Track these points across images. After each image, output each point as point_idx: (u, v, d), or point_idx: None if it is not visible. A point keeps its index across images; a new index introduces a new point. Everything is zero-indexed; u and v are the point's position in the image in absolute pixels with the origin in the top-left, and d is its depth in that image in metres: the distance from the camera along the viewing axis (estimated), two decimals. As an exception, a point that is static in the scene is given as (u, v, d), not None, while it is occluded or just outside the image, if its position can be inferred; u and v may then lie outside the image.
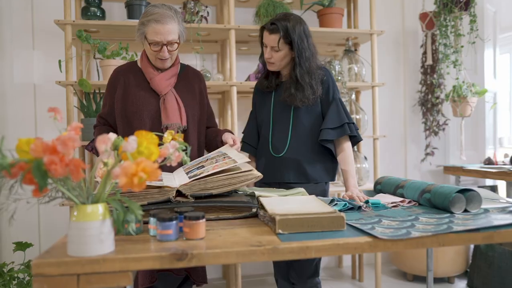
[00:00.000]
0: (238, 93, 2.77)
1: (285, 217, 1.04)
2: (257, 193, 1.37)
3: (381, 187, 1.67)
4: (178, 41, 1.67)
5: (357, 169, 2.67)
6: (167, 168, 1.60)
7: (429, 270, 1.71)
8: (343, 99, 2.59)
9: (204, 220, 1.02)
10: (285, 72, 1.84)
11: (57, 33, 2.55)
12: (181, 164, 1.38)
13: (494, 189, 3.21)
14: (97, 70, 2.45)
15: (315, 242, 0.97)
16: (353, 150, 2.25)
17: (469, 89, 2.97)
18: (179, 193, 1.26)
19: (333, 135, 1.76)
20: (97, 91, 2.39)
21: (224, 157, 1.42)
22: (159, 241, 0.99)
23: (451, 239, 1.04)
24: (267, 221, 1.14)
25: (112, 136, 0.94)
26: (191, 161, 1.51)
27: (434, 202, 1.33)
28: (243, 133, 2.01)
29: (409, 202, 1.44)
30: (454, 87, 3.03)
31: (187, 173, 1.37)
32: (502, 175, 2.77)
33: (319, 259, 1.80)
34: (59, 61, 2.22)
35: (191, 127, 1.76)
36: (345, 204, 1.35)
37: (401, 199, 1.47)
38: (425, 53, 3.20)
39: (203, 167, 1.37)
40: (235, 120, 2.46)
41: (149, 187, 1.22)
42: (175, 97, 1.72)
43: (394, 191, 1.56)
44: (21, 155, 0.85)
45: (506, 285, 2.42)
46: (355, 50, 2.93)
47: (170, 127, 1.67)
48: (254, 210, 1.23)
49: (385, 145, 3.23)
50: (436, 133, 3.22)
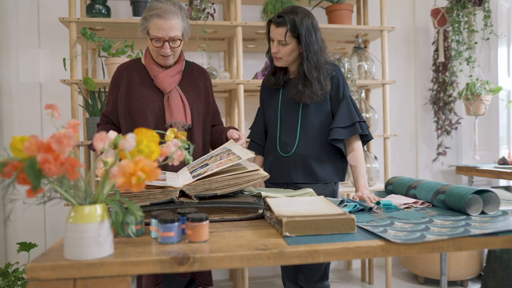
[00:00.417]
0: (245, 91, 2.73)
1: (293, 219, 1.00)
2: (263, 194, 1.32)
3: (392, 187, 1.61)
4: (181, 38, 1.63)
5: (367, 169, 2.60)
6: (172, 167, 1.56)
7: (443, 274, 1.64)
8: (353, 98, 2.53)
9: (207, 222, 0.97)
10: (293, 68, 1.79)
11: (63, 31, 2.53)
12: (185, 163, 1.34)
13: (508, 189, 3.11)
14: (102, 68, 2.43)
15: (323, 245, 0.92)
16: (363, 149, 2.19)
17: (483, 86, 2.88)
18: (182, 193, 1.22)
19: (344, 134, 1.71)
20: (103, 89, 2.36)
21: (228, 153, 1.37)
22: (160, 244, 0.95)
23: (468, 243, 0.99)
24: (273, 223, 1.10)
25: (112, 134, 0.90)
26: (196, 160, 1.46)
27: (449, 203, 1.27)
28: (250, 129, 1.96)
29: (422, 203, 1.38)
30: (467, 84, 2.94)
31: (191, 172, 1.32)
32: (517, 175, 2.69)
33: (329, 262, 1.75)
34: (64, 59, 2.20)
35: (196, 125, 1.72)
36: (355, 205, 1.29)
37: (414, 200, 1.41)
38: (437, 50, 3.13)
39: (207, 165, 1.33)
40: (242, 119, 2.41)
41: (152, 187, 1.18)
42: (180, 94, 1.68)
43: (406, 191, 1.50)
44: (16, 153, 0.81)
45: (522, 289, 2.34)
46: (365, 47, 2.87)
47: (174, 126, 1.63)
48: (260, 211, 1.19)
49: (395, 144, 3.16)
50: (448, 132, 3.14)
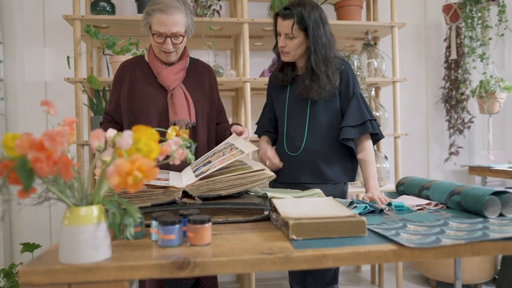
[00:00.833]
0: (252, 89, 2.68)
1: (300, 221, 0.94)
2: (269, 194, 1.27)
3: (404, 188, 1.55)
4: (183, 34, 1.59)
5: (377, 169, 2.54)
6: (175, 167, 1.52)
7: (457, 278, 1.57)
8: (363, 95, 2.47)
9: (210, 224, 0.92)
10: (301, 64, 1.73)
11: (68, 30, 2.51)
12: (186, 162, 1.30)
13: (523, 190, 3.02)
14: (107, 66, 2.40)
15: (332, 249, 0.87)
16: (373, 149, 2.12)
17: (497, 84, 2.79)
18: (186, 194, 1.17)
19: (354, 133, 1.65)
20: (107, 88, 2.33)
21: (231, 149, 1.32)
22: (160, 247, 0.91)
23: (487, 248, 0.92)
24: (280, 225, 1.04)
25: (111, 132, 0.86)
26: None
27: (464, 205, 1.21)
28: (256, 124, 1.91)
29: (436, 205, 1.32)
30: (481, 82, 2.85)
31: (194, 171, 1.28)
32: (533, 175, 2.60)
33: (338, 265, 1.70)
34: (68, 58, 2.17)
35: (200, 123, 1.67)
36: (366, 206, 1.24)
37: (427, 201, 1.34)
38: (449, 47, 3.04)
39: (210, 162, 1.28)
40: (249, 118, 2.37)
41: (154, 187, 1.14)
42: (184, 92, 1.63)
43: (418, 192, 1.44)
44: (8, 152, 0.77)
45: (539, 293, 2.26)
46: (375, 44, 2.80)
47: (178, 124, 1.59)
48: (266, 212, 1.13)
49: (406, 143, 3.08)
50: (461, 131, 3.05)
